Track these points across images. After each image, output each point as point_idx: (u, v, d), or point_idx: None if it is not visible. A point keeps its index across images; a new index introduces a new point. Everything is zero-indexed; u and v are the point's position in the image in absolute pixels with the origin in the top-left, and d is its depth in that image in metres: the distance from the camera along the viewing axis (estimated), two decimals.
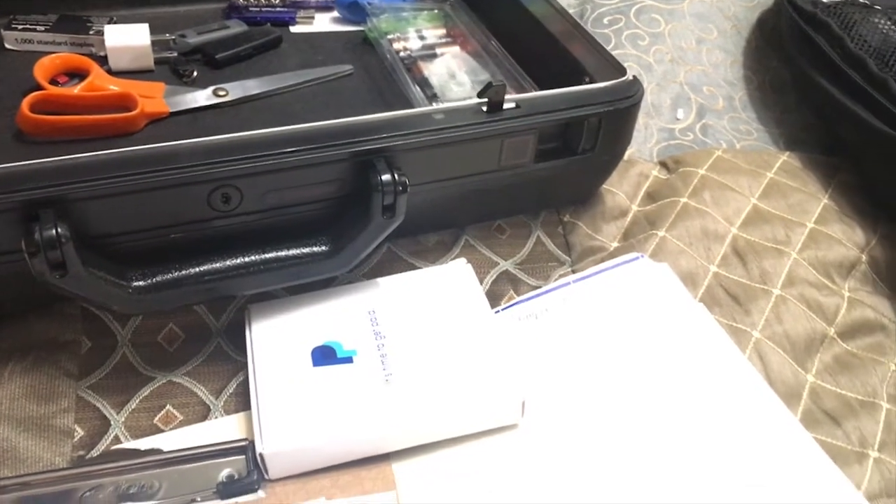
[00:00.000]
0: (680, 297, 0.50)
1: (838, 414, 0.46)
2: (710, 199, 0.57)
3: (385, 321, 0.46)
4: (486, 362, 0.44)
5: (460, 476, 0.42)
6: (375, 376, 0.43)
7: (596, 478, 0.42)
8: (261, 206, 0.44)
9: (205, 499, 0.40)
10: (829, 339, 0.50)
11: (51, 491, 0.40)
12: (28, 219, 0.39)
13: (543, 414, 0.44)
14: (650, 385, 0.45)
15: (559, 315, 0.50)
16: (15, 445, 0.42)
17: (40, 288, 0.41)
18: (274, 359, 0.44)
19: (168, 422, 0.45)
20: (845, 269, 0.55)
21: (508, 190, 0.52)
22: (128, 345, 0.47)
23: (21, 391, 0.43)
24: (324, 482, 0.41)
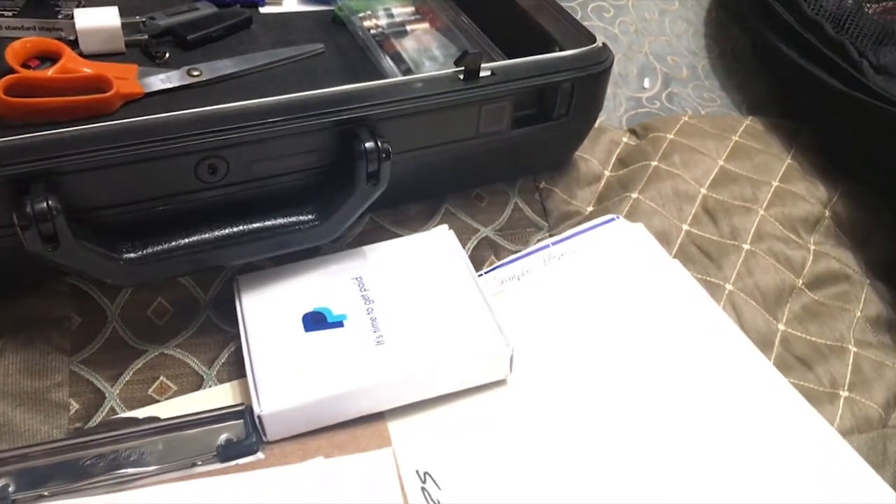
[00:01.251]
0: (655, 254, 0.52)
1: (809, 359, 0.48)
2: (680, 162, 0.58)
3: (372, 286, 0.47)
4: (473, 320, 0.45)
5: (453, 431, 0.43)
6: (366, 339, 0.44)
7: (582, 430, 0.43)
8: (247, 177, 0.45)
9: (205, 462, 0.41)
10: (798, 289, 0.53)
11: (52, 461, 0.40)
12: (18, 192, 0.39)
13: (530, 370, 0.46)
14: (631, 338, 0.47)
15: (540, 276, 0.51)
16: (11, 419, 0.42)
17: (29, 265, 0.42)
18: (266, 326, 0.45)
19: (162, 392, 0.45)
20: (810, 224, 0.57)
21: (486, 157, 0.53)
22: (117, 320, 0.48)
23: (15, 367, 0.44)
24: (321, 442, 0.42)
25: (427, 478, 0.41)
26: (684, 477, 0.41)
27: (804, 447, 0.42)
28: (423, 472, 0.42)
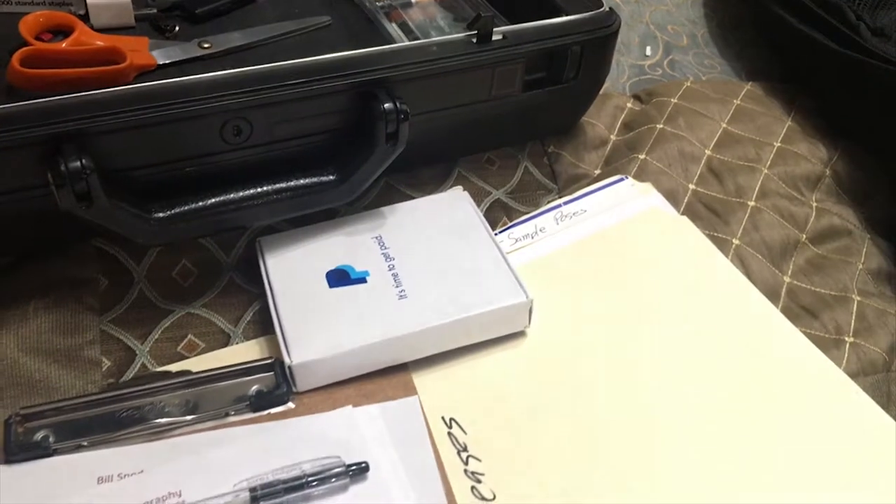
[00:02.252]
0: (665, 211, 0.53)
1: (815, 308, 0.50)
2: (685, 125, 0.60)
3: (392, 245, 0.49)
4: (492, 274, 0.47)
5: (475, 381, 0.45)
6: (389, 293, 0.46)
7: (598, 377, 0.45)
8: (270, 138, 0.46)
9: (238, 412, 0.43)
10: (802, 244, 0.54)
11: (89, 414, 0.42)
12: (52, 153, 0.40)
13: (548, 322, 0.47)
14: (644, 291, 0.49)
15: (553, 234, 0.53)
16: (47, 376, 0.43)
17: (58, 227, 0.43)
18: (291, 283, 0.46)
19: (191, 349, 0.47)
20: (812, 182, 0.59)
21: (498, 121, 0.55)
22: (144, 281, 0.49)
23: (47, 326, 0.45)
24: (349, 391, 0.44)
25: (453, 423, 0.43)
26: (698, 422, 0.42)
27: (814, 389, 0.44)
28: (449, 418, 0.43)
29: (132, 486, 0.39)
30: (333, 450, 0.40)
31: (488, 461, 0.41)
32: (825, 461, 0.41)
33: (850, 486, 0.40)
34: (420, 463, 0.41)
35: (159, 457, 0.40)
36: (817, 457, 0.41)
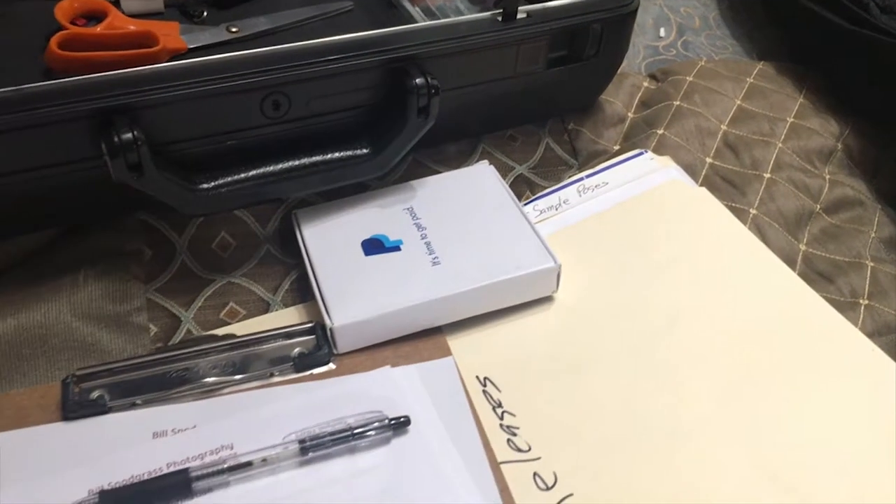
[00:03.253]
0: (684, 182, 0.55)
1: (830, 273, 0.52)
2: (700, 101, 0.62)
3: (423, 215, 0.51)
4: (521, 241, 0.49)
5: (507, 342, 0.47)
6: (423, 260, 0.48)
7: (624, 338, 0.47)
8: (307, 113, 0.48)
9: (282, 373, 0.45)
10: (816, 214, 0.56)
11: (141, 374, 0.44)
12: (104, 126, 0.42)
13: (574, 287, 0.49)
14: (667, 258, 0.51)
15: (576, 205, 0.55)
16: (99, 340, 0.46)
17: (106, 199, 0.45)
18: (328, 252, 0.48)
19: (233, 316, 0.49)
20: (824, 155, 0.61)
21: (521, 97, 0.57)
22: (186, 252, 0.51)
23: (98, 293, 0.47)
24: (386, 353, 0.46)
25: (487, 382, 0.45)
26: (721, 379, 0.44)
27: (833, 347, 0.46)
28: (483, 377, 0.45)
29: (186, 439, 0.41)
30: (374, 406, 0.42)
31: (522, 416, 0.43)
32: (844, 414, 0.42)
33: (869, 436, 0.41)
34: (458, 418, 0.43)
35: (210, 413, 0.42)
36: (836, 410, 0.43)
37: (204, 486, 0.38)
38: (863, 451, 0.41)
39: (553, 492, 0.40)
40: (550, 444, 0.42)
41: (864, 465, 0.40)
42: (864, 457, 0.40)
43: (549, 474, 0.40)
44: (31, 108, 0.41)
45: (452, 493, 0.39)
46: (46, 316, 0.45)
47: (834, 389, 0.43)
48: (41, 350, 0.44)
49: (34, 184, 0.44)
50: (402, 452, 0.41)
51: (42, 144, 0.42)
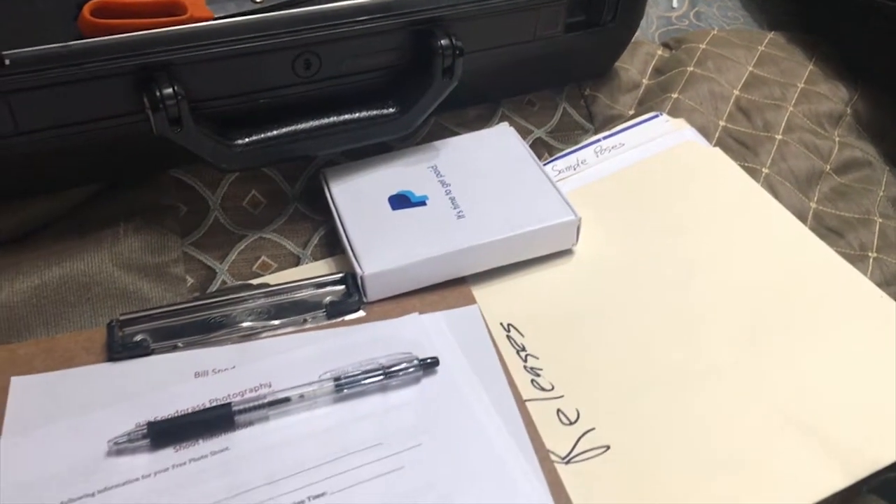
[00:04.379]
0: (699, 142, 0.57)
1: (840, 229, 0.54)
2: (713, 67, 0.64)
3: (447, 173, 0.53)
4: (541, 196, 0.51)
5: (529, 292, 0.49)
6: (448, 213, 0.50)
7: (641, 289, 0.49)
8: (336, 73, 0.50)
9: (315, 319, 0.47)
10: (826, 174, 0.58)
11: (182, 320, 0.46)
12: (145, 81, 0.44)
13: (593, 241, 0.51)
14: (682, 212, 0.53)
15: (594, 165, 0.57)
16: (140, 288, 0.48)
17: (144, 155, 0.47)
18: (356, 207, 0.50)
19: (265, 268, 0.51)
20: (834, 119, 0.63)
21: (539, 62, 0.59)
22: (219, 209, 0.53)
23: (137, 245, 0.49)
24: (414, 302, 0.48)
25: (510, 328, 0.47)
26: (736, 326, 0.46)
27: (844, 295, 0.48)
28: (507, 323, 0.47)
29: (226, 378, 0.43)
30: (404, 350, 0.44)
31: (545, 359, 0.45)
32: (855, 357, 0.44)
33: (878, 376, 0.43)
34: (483, 360, 0.45)
35: (248, 355, 0.45)
36: (847, 353, 0.45)
37: (245, 420, 0.41)
38: (873, 390, 0.43)
39: (575, 426, 0.42)
40: (572, 384, 0.44)
41: (875, 403, 0.42)
42: (875, 396, 0.42)
43: (572, 411, 0.42)
44: (79, 63, 0.43)
45: (480, 426, 0.41)
46: (90, 265, 0.47)
47: (845, 334, 0.45)
48: (85, 297, 0.46)
49: (79, 138, 0.46)
50: (432, 391, 0.43)
51: (87, 99, 0.44)
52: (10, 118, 0.43)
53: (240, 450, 0.40)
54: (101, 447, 0.39)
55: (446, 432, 0.41)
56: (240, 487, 0.38)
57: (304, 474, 0.39)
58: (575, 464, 0.40)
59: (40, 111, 0.44)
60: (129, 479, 0.38)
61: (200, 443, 0.40)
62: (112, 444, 0.39)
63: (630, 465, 0.40)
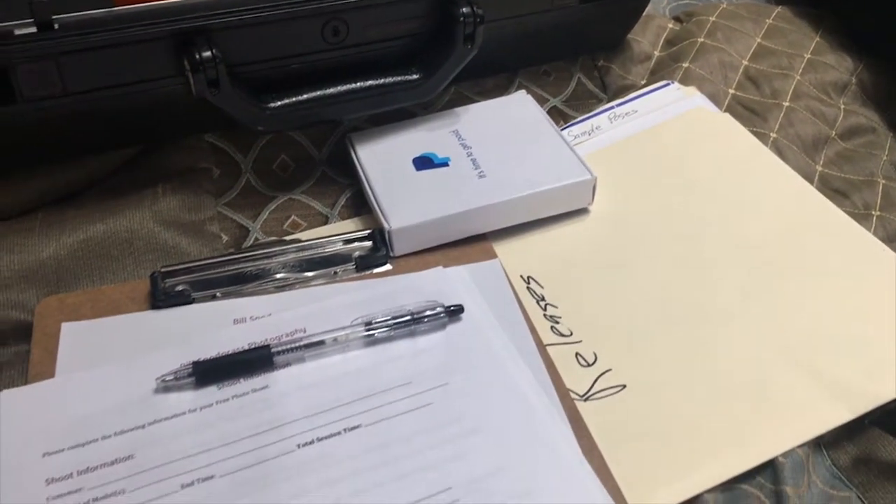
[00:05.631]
0: (709, 108, 0.59)
1: (845, 190, 0.56)
2: (723, 38, 0.66)
3: (468, 136, 0.55)
4: (559, 157, 0.53)
5: (548, 249, 0.51)
6: (470, 173, 0.52)
7: (655, 244, 0.51)
8: (362, 40, 0.53)
9: (345, 272, 0.49)
10: (832, 139, 0.61)
11: (220, 272, 0.48)
12: (184, 45, 0.47)
13: (608, 200, 0.54)
14: (694, 174, 0.55)
15: (608, 131, 0.59)
16: (178, 244, 0.50)
17: (180, 117, 0.50)
18: (382, 168, 0.53)
19: (295, 227, 0.54)
20: (839, 88, 0.65)
21: (555, 33, 0.61)
22: (250, 172, 0.55)
23: (175, 204, 0.52)
24: (437, 257, 0.51)
25: (530, 280, 0.49)
26: (746, 278, 0.49)
27: (849, 250, 0.50)
28: (527, 276, 0.50)
29: (263, 325, 0.46)
30: (430, 299, 0.47)
31: (563, 307, 0.48)
32: (857, 303, 0.47)
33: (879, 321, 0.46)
34: (505, 308, 0.47)
35: (283, 304, 0.47)
36: (850, 300, 0.47)
37: (283, 361, 0.43)
38: (875, 333, 0.45)
39: (593, 368, 0.44)
40: (590, 330, 0.46)
41: (877, 345, 0.44)
42: (876, 338, 0.45)
43: (590, 354, 0.45)
44: (122, 27, 0.45)
45: (504, 366, 0.44)
46: (132, 222, 0.50)
47: (848, 282, 0.48)
48: (128, 251, 0.49)
49: (121, 99, 0.48)
50: (457, 336, 0.45)
51: (130, 62, 0.47)
52: (59, 79, 0.46)
53: (279, 388, 0.42)
54: (149, 385, 0.42)
55: (472, 372, 0.43)
56: (281, 420, 0.41)
57: (340, 409, 0.41)
58: (593, 401, 0.43)
59: (86, 73, 0.46)
60: (176, 413, 0.41)
61: (242, 381, 0.43)
62: (160, 381, 0.42)
63: (644, 402, 0.42)
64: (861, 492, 0.40)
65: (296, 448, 0.40)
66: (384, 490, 0.38)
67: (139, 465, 0.39)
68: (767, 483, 0.39)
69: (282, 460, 0.39)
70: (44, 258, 0.47)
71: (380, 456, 0.39)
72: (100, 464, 0.39)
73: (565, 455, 0.39)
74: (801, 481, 0.39)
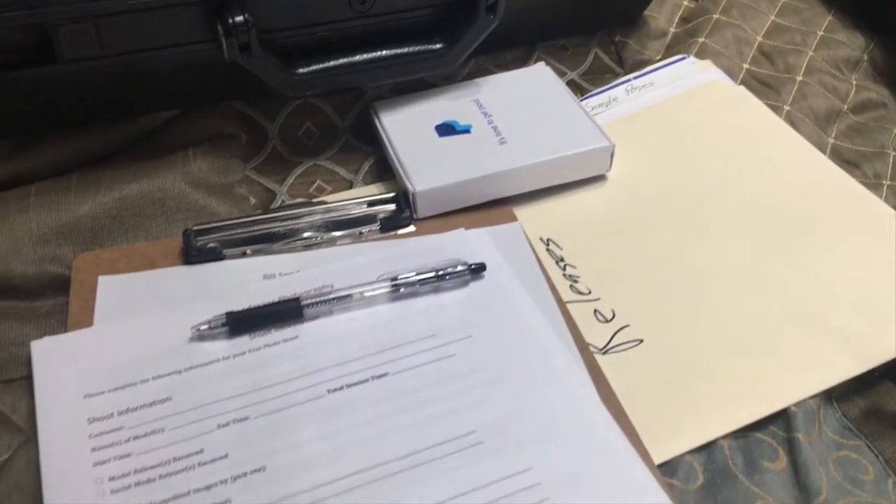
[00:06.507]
0: (724, 81, 0.61)
1: (856, 161, 0.58)
2: (738, 15, 0.67)
3: (489, 105, 0.57)
4: (578, 125, 0.55)
5: (566, 213, 0.53)
6: (491, 140, 0.54)
7: (670, 209, 0.53)
8: (388, 9, 0.54)
9: (370, 233, 0.51)
10: (843, 113, 0.62)
11: (250, 231, 0.50)
12: (217, 10, 0.48)
13: (625, 168, 0.55)
14: (710, 143, 0.56)
15: (625, 102, 0.60)
16: (209, 204, 0.52)
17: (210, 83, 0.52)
18: (406, 134, 0.55)
19: (321, 191, 0.55)
20: (851, 64, 0.66)
21: (573, 6, 0.62)
22: (276, 138, 0.57)
23: (206, 167, 0.53)
24: (459, 220, 0.52)
25: (549, 242, 0.51)
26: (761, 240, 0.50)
27: (861, 216, 0.51)
28: (546, 238, 0.51)
29: (292, 280, 0.48)
30: (453, 258, 0.48)
31: (582, 267, 0.49)
32: (866, 265, 0.48)
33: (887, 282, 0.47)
34: (526, 268, 0.49)
35: (311, 261, 0.49)
36: (859, 263, 0.48)
37: (312, 313, 0.45)
38: (884, 291, 0.46)
39: (611, 324, 0.46)
40: (608, 289, 0.48)
41: (886, 302, 0.46)
42: (886, 295, 0.46)
43: (608, 311, 0.47)
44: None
45: (525, 321, 0.45)
46: (164, 182, 0.51)
47: (858, 244, 0.49)
48: (160, 210, 0.51)
49: (155, 63, 0.50)
50: (480, 292, 0.47)
51: (165, 25, 0.48)
52: (97, 41, 0.47)
53: (308, 338, 0.44)
54: (184, 334, 0.44)
55: (494, 326, 0.45)
56: (310, 368, 0.42)
57: (367, 358, 0.43)
58: (612, 354, 0.44)
59: (123, 35, 0.48)
60: (211, 360, 0.43)
61: (273, 332, 0.44)
62: (195, 330, 0.44)
63: (661, 355, 0.44)
64: (870, 441, 0.41)
65: (325, 393, 0.41)
66: (410, 432, 0.40)
67: (176, 406, 0.40)
68: (780, 431, 0.41)
69: (312, 404, 0.41)
70: (80, 215, 0.49)
71: (405, 401, 0.41)
72: (139, 405, 0.40)
73: (584, 401, 0.41)
74: (813, 430, 0.41)
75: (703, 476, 0.39)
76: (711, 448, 0.40)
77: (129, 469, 0.38)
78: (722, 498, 0.38)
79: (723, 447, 0.40)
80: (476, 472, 0.38)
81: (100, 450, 0.38)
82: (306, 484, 0.37)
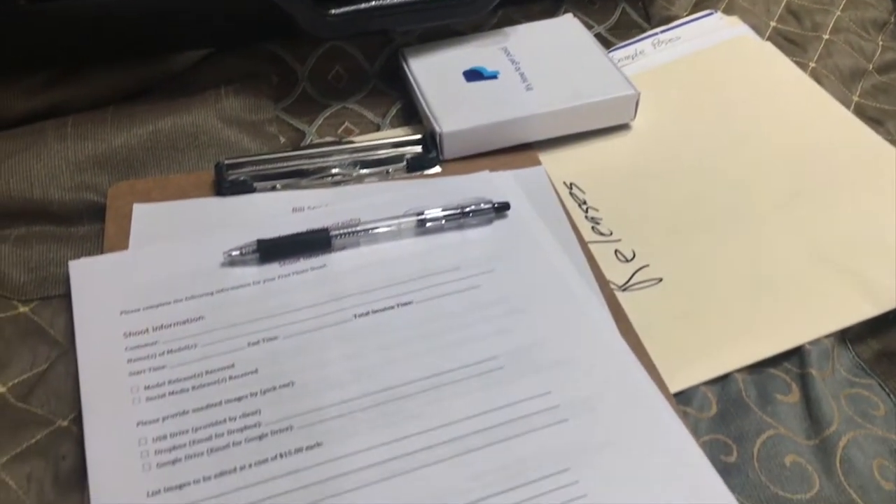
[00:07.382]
0: (751, 37, 0.61)
1: (880, 118, 0.58)
2: None
3: (516, 53, 0.57)
4: (603, 73, 0.55)
5: (590, 159, 0.54)
6: (518, 86, 0.55)
7: (694, 157, 0.53)
8: None
9: (396, 171, 0.52)
10: (868, 72, 0.62)
11: (280, 166, 0.51)
12: None
13: (649, 118, 0.56)
14: (735, 96, 0.57)
15: (651, 55, 0.61)
16: (240, 141, 0.53)
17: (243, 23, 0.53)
18: (434, 78, 0.55)
19: (348, 133, 0.56)
20: (878, 25, 0.66)
21: None
22: (306, 80, 0.58)
23: (238, 105, 0.54)
24: (485, 163, 0.53)
25: (573, 186, 0.52)
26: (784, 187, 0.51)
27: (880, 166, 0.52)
28: (570, 182, 0.52)
29: (320, 214, 0.49)
30: (478, 197, 0.49)
31: (604, 210, 0.50)
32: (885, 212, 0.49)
33: None
34: (549, 209, 0.50)
35: (339, 196, 0.50)
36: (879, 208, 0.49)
37: (340, 244, 0.46)
38: None
39: (632, 263, 0.47)
40: (629, 231, 0.49)
41: None
42: None
43: (629, 251, 0.48)
44: None
45: (547, 256, 0.46)
46: (196, 117, 0.53)
47: (878, 193, 0.50)
48: (193, 144, 0.52)
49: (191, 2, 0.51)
50: (504, 230, 0.48)
51: None
52: None
53: (336, 267, 0.45)
54: (216, 258, 0.45)
55: (517, 261, 0.46)
56: (338, 294, 0.44)
57: (393, 287, 0.44)
58: (632, 291, 0.45)
59: None
60: (242, 284, 0.44)
61: (302, 260, 0.46)
62: (226, 255, 0.45)
63: (680, 293, 0.45)
64: (882, 380, 0.42)
65: (352, 318, 0.43)
66: (433, 356, 0.41)
67: (208, 325, 0.42)
68: (794, 367, 0.42)
69: (339, 328, 0.42)
70: (115, 146, 0.51)
71: (430, 328, 0.42)
72: (173, 322, 0.42)
73: (602, 331, 0.42)
74: (826, 367, 0.42)
75: (717, 406, 0.40)
76: (726, 380, 0.41)
77: (164, 380, 0.39)
78: (735, 426, 0.39)
79: (737, 380, 0.41)
80: (496, 393, 0.39)
81: (135, 361, 0.40)
82: (332, 399, 0.39)
